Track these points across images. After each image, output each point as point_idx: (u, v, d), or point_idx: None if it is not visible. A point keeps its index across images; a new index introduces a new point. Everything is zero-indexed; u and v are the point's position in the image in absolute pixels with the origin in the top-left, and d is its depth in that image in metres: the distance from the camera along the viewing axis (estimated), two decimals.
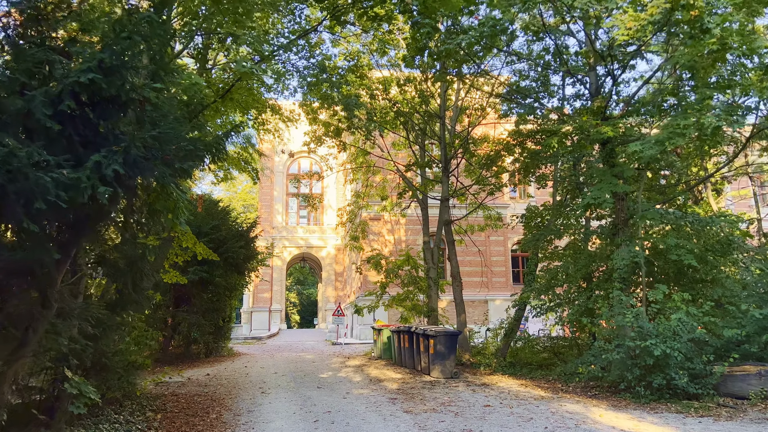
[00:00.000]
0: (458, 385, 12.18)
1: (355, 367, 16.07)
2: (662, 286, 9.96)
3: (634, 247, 10.37)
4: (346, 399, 10.47)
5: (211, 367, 16.64)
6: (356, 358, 19.10)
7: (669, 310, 9.85)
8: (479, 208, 19.86)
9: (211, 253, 13.45)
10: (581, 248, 13.90)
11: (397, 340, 16.36)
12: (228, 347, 22.15)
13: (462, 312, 16.45)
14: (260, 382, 13.16)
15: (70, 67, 5.04)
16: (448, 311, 22.08)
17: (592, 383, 11.05)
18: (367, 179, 22.53)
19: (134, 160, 5.30)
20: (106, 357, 9.29)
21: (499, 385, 12.04)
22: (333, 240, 44.65)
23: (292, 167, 45.61)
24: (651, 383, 9.23)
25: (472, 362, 15.38)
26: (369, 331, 29.94)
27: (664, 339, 9.18)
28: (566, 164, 13.55)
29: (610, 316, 10.17)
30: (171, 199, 5.98)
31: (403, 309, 19.66)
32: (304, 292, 65.59)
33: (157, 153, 5.53)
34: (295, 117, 18.40)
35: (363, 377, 13.80)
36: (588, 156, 14.10)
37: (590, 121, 10.44)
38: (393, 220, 31.71)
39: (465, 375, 13.75)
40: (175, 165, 5.57)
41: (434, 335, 13.40)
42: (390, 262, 20.00)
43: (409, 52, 13.16)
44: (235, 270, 19.82)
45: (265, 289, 42.09)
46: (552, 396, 10.44)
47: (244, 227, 20.99)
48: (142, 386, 10.77)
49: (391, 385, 12.24)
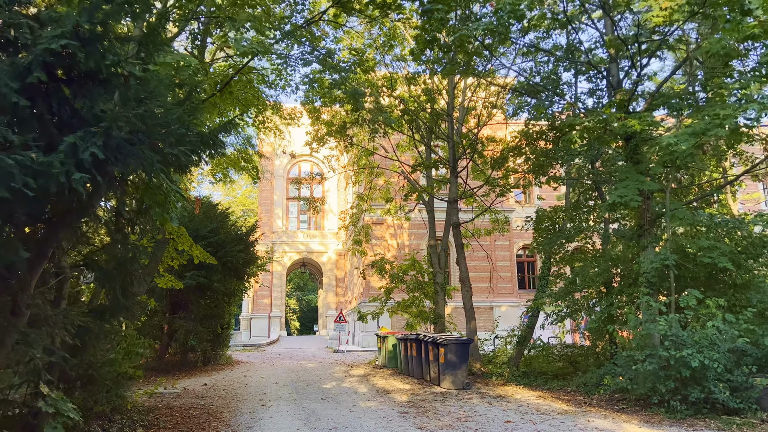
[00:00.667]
0: (472, 396, 11.41)
1: (359, 377, 15.30)
2: (694, 291, 9.21)
3: (663, 249, 9.62)
4: (353, 413, 9.70)
5: (209, 377, 15.87)
6: (360, 367, 18.32)
7: (703, 317, 9.11)
8: (486, 212, 19.16)
9: (208, 256, 12.70)
10: (599, 251, 13.15)
11: (404, 348, 15.59)
12: (227, 355, 21.40)
13: (472, 318, 15.69)
14: (260, 393, 12.39)
15: (40, 34, 4.32)
16: (453, 318, 21.30)
17: (617, 396, 10.27)
18: (371, 181, 21.82)
19: (117, 144, 4.57)
20: (94, 368, 8.54)
21: (516, 397, 11.27)
22: (334, 245, 43.91)
23: (292, 171, 44.92)
24: (687, 397, 8.46)
25: (483, 372, 14.61)
26: (371, 338, 29.17)
27: (701, 348, 8.43)
28: (584, 162, 12.79)
29: (639, 324, 9.42)
30: (160, 192, 5.25)
31: (409, 315, 18.91)
32: (304, 298, 64.77)
33: (144, 137, 4.80)
34: (297, 115, 17.72)
35: (369, 388, 13.03)
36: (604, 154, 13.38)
37: (615, 114, 9.73)
38: (396, 224, 30.99)
39: (477, 386, 12.99)
40: (165, 151, 4.83)
41: (445, 343, 12.64)
42: (395, 267, 19.27)
43: (417, 45, 12.45)
44: (234, 275, 19.07)
45: (265, 295, 41.32)
46: (576, 410, 9.67)
47: (244, 231, 20.26)
48: (133, 399, 10.01)
49: (400, 397, 11.48)
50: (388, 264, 19.61)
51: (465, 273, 16.14)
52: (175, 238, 12.33)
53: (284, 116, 17.56)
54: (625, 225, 14.32)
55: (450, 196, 16.81)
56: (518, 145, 15.08)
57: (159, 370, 17.03)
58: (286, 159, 43.38)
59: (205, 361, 18.99)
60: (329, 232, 44.75)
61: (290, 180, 44.24)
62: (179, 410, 10.18)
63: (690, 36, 11.66)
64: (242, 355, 25.25)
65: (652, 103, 10.63)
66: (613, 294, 11.63)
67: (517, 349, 14.73)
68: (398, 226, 31.16)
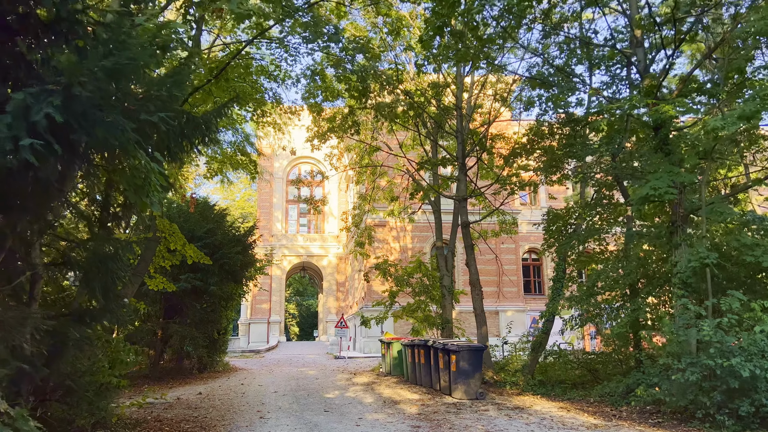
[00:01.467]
0: (488, 408, 10.51)
1: (364, 385, 14.41)
2: (737, 293, 8.33)
3: (699, 247, 8.74)
4: (360, 427, 8.81)
5: (205, 385, 14.97)
6: (363, 375, 17.42)
7: (748, 322, 8.23)
8: (494, 213, 18.32)
9: (203, 256, 11.85)
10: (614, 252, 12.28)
11: (411, 354, 14.69)
12: (224, 361, 20.50)
13: (483, 323, 14.82)
14: (258, 403, 11.49)
15: None
16: (459, 323, 20.40)
17: (649, 408, 9.37)
18: (374, 180, 20.98)
19: (81, 106, 3.70)
20: (72, 378, 7.67)
21: (536, 409, 10.37)
22: (334, 248, 43.03)
23: (292, 173, 44.07)
24: (737, 410, 7.57)
25: (496, 380, 13.73)
26: (373, 344, 28.23)
27: (750, 356, 7.57)
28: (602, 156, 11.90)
29: (675, 329, 8.53)
30: (137, 172, 4.38)
31: (415, 320, 18.07)
32: (303, 303, 63.82)
33: (117, 102, 3.95)
34: (297, 110, 16.88)
35: (375, 398, 12.14)
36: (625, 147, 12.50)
37: (647, 100, 8.88)
38: (399, 227, 30.16)
39: (491, 395, 12.09)
40: (142, 118, 3.97)
41: (457, 350, 11.76)
42: (400, 269, 18.41)
43: (428, 27, 11.65)
44: (231, 278, 18.19)
45: (264, 299, 40.41)
46: (606, 423, 8.77)
47: (242, 232, 19.39)
48: (120, 411, 9.13)
49: (410, 409, 10.58)
50: (393, 266, 18.77)
51: (475, 275, 15.26)
52: (167, 237, 11.47)
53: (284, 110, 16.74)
54: (645, 224, 13.50)
55: (459, 194, 15.95)
56: (532, 139, 14.26)
57: (152, 377, 16.15)
58: (286, 161, 42.59)
59: (201, 368, 18.10)
60: (329, 235, 43.89)
61: (290, 182, 43.40)
62: (170, 423, 9.29)
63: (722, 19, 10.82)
64: (240, 361, 24.35)
65: (683, 90, 9.79)
66: (640, 297, 10.75)
67: (532, 356, 13.84)
68: (401, 229, 30.34)
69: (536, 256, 34.05)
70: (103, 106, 3.67)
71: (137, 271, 11.29)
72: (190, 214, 17.54)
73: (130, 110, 4.00)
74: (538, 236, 32.08)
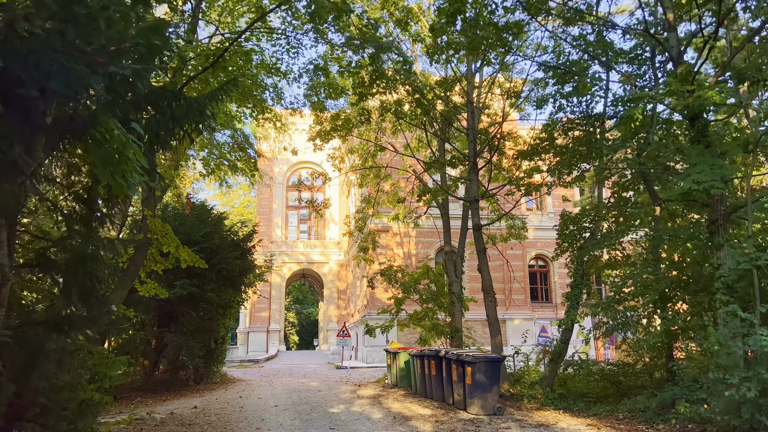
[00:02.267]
0: (509, 425, 9.61)
1: (370, 398, 13.50)
2: None
3: (750, 247, 7.89)
4: None
5: (201, 397, 14.06)
6: (368, 386, 16.50)
7: None
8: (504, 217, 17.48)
9: (197, 259, 10.98)
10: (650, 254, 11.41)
11: (420, 365, 13.78)
12: (221, 372, 19.56)
13: (497, 332, 13.94)
14: (257, 419, 10.58)
15: None
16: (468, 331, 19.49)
17: (691, 426, 8.48)
18: (378, 183, 20.15)
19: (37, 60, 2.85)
20: (45, 395, 6.79)
21: (561, 426, 9.47)
22: (336, 255, 42.14)
23: (292, 178, 43.26)
24: None
25: (512, 393, 12.81)
26: (377, 354, 27.26)
27: None
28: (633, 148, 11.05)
29: (725, 338, 7.66)
30: (110, 143, 3.53)
31: (422, 329, 17.16)
32: (303, 311, 62.82)
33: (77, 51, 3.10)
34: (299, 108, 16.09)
35: (384, 413, 11.23)
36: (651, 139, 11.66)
37: (684, 86, 8.08)
38: (402, 232, 29.31)
39: (510, 410, 11.18)
40: (111, 71, 3.12)
41: (472, 362, 10.87)
42: (407, 275, 17.54)
43: (439, 15, 10.85)
44: (229, 285, 17.28)
45: (263, 307, 39.48)
46: None
47: (241, 236, 18.51)
48: (104, 430, 8.23)
49: (423, 426, 9.68)
50: (399, 272, 17.90)
51: (488, 281, 14.38)
52: (159, 239, 10.61)
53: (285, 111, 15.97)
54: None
55: (470, 195, 15.09)
56: (547, 137, 13.44)
57: (146, 389, 15.24)
58: (286, 166, 41.82)
59: (197, 380, 17.16)
60: (330, 241, 43.04)
61: (290, 188, 42.60)
62: None
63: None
64: (239, 371, 23.42)
65: (721, 77, 8.98)
66: (672, 303, 9.88)
67: (551, 367, 12.92)
68: (404, 234, 29.48)
69: (543, 262, 33.18)
70: (58, 48, 2.82)
71: (127, 274, 10.43)
72: (185, 216, 16.70)
73: (99, 62, 3.15)
74: (546, 242, 31.25)
